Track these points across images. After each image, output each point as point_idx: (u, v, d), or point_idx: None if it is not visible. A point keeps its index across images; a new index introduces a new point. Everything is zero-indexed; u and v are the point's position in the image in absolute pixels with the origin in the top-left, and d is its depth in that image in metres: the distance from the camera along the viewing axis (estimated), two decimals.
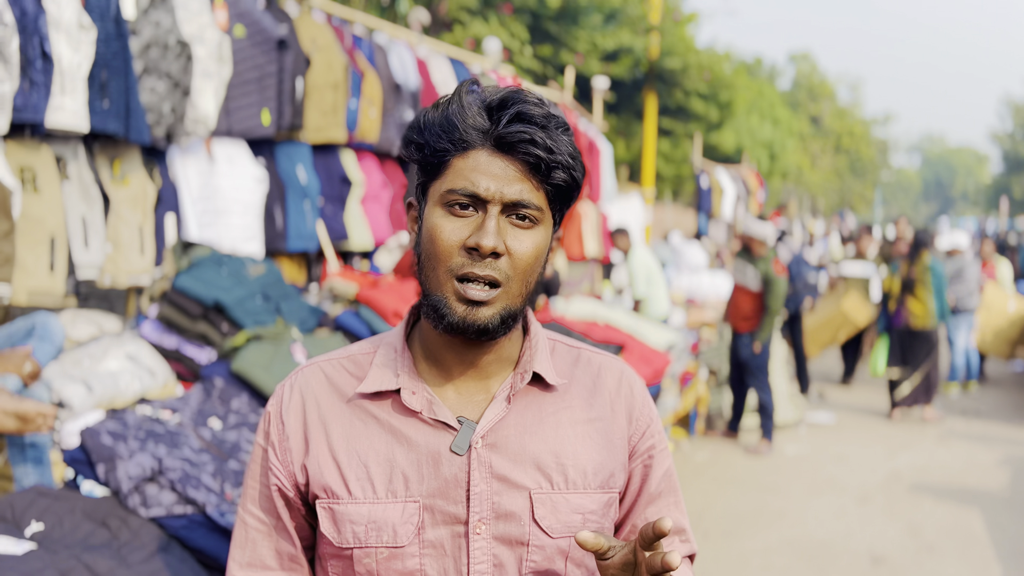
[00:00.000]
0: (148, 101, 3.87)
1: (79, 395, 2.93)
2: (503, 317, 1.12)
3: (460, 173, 1.11)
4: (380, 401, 1.18)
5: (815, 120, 39.04)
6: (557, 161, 1.10)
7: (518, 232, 1.11)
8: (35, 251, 3.45)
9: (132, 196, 3.92)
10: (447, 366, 1.19)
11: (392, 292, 3.42)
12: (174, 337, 3.35)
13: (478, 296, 1.10)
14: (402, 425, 1.16)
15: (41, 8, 3.32)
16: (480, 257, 1.09)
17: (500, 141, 1.10)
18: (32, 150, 3.46)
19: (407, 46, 5.94)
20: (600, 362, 1.28)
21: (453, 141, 1.11)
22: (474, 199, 1.10)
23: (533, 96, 1.13)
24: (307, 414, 1.19)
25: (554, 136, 1.10)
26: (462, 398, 1.19)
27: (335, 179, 5.11)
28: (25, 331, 2.86)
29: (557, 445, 1.18)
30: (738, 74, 18.55)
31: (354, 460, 1.15)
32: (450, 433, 1.15)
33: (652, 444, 1.27)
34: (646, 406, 1.28)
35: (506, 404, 1.18)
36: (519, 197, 1.10)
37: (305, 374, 1.23)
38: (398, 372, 1.18)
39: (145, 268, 3.96)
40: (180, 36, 3.95)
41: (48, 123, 3.39)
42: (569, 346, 1.29)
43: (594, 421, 1.22)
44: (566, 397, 1.22)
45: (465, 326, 1.10)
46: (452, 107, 1.12)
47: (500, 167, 1.10)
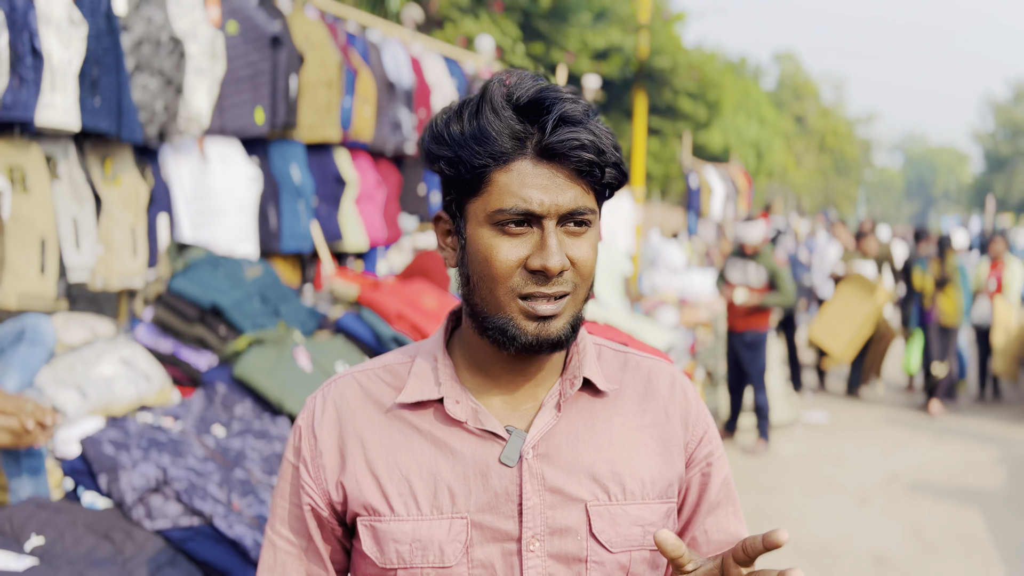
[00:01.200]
0: (140, 99, 3.77)
1: (73, 401, 2.84)
2: (573, 326, 1.07)
3: (507, 190, 1.02)
4: (421, 411, 1.12)
5: (799, 120, 39.21)
6: (607, 160, 1.04)
7: (576, 240, 1.06)
8: (25, 253, 3.35)
9: (124, 196, 3.82)
10: (493, 375, 1.13)
11: (394, 294, 3.35)
12: (170, 341, 3.26)
13: (548, 311, 1.04)
14: (446, 436, 1.09)
15: (31, 3, 3.22)
16: (546, 279, 1.03)
17: (547, 150, 1.02)
18: (21, 149, 3.36)
19: (400, 44, 5.86)
20: (650, 366, 1.22)
21: (493, 155, 1.02)
22: (528, 215, 1.03)
23: (565, 90, 1.04)
24: (342, 427, 1.12)
25: (597, 132, 1.03)
26: (508, 407, 1.12)
27: (329, 178, 5.02)
28: (15, 334, 2.77)
29: (612, 454, 1.11)
30: (725, 73, 18.56)
31: (395, 474, 1.08)
32: (498, 444, 1.09)
33: (710, 451, 1.20)
34: (701, 411, 1.22)
35: (556, 412, 1.11)
36: (574, 205, 1.04)
37: (339, 385, 1.16)
38: (439, 381, 1.12)
39: (138, 270, 3.86)
40: (173, 32, 3.86)
41: (38, 121, 3.29)
42: (615, 350, 1.22)
43: (648, 427, 1.16)
44: (617, 403, 1.16)
45: (540, 343, 1.05)
46: (485, 116, 1.03)
47: (547, 176, 1.03)
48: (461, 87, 6.41)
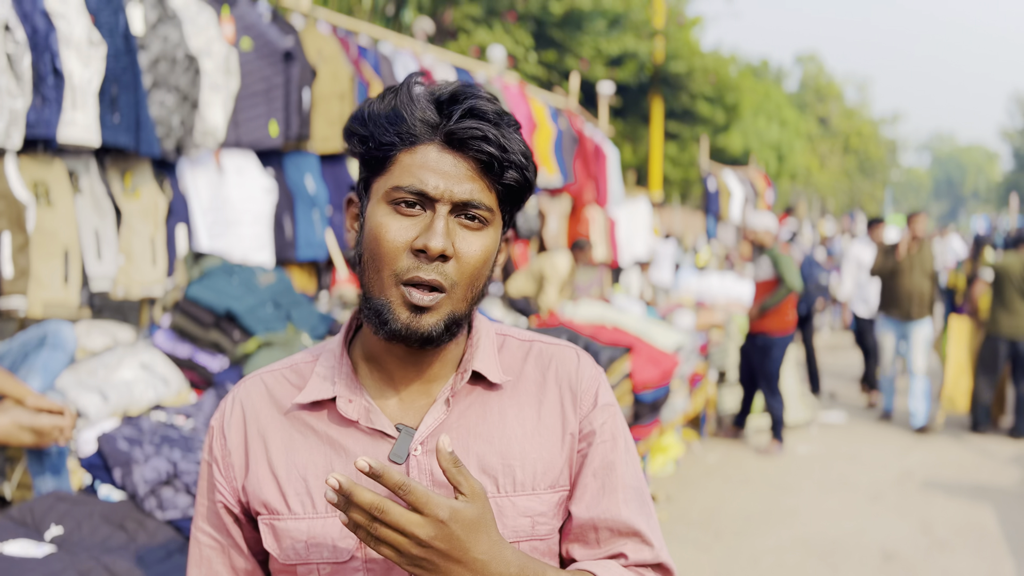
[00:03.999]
0: (158, 114, 3.93)
1: (95, 404, 2.98)
2: (447, 324, 1.06)
3: (407, 169, 1.04)
4: (318, 412, 1.13)
5: (823, 121, 38.97)
6: (510, 160, 1.05)
7: (466, 234, 1.06)
8: (49, 264, 3.51)
9: (143, 208, 3.99)
10: (388, 372, 1.13)
11: None
12: (187, 346, 3.40)
13: (422, 301, 1.03)
14: (340, 436, 1.11)
15: (52, 25, 3.39)
16: (428, 260, 1.03)
17: (451, 137, 1.04)
18: (45, 165, 3.53)
19: (412, 55, 6.00)
20: (553, 353, 1.20)
21: (400, 134, 1.04)
22: (422, 197, 1.04)
23: (485, 92, 1.07)
24: (247, 428, 1.14)
25: (507, 134, 1.05)
26: (404, 404, 1.13)
27: (343, 188, 5.16)
28: (38, 339, 2.92)
29: (503, 445, 1.11)
30: (744, 76, 18.57)
31: (293, 474, 1.10)
32: (389, 442, 1.10)
33: (592, 430, 1.16)
34: (592, 390, 1.18)
35: (446, 407, 1.12)
36: (469, 197, 1.04)
37: (246, 386, 1.18)
38: (335, 380, 1.13)
39: (157, 279, 4.02)
40: (188, 50, 4.02)
41: (60, 138, 3.46)
42: (521, 340, 1.21)
43: (544, 416, 1.15)
44: (514, 394, 1.15)
45: (408, 333, 1.04)
46: (400, 98, 1.05)
47: (450, 164, 1.04)
48: None
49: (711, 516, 5.35)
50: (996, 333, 7.47)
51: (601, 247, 9.11)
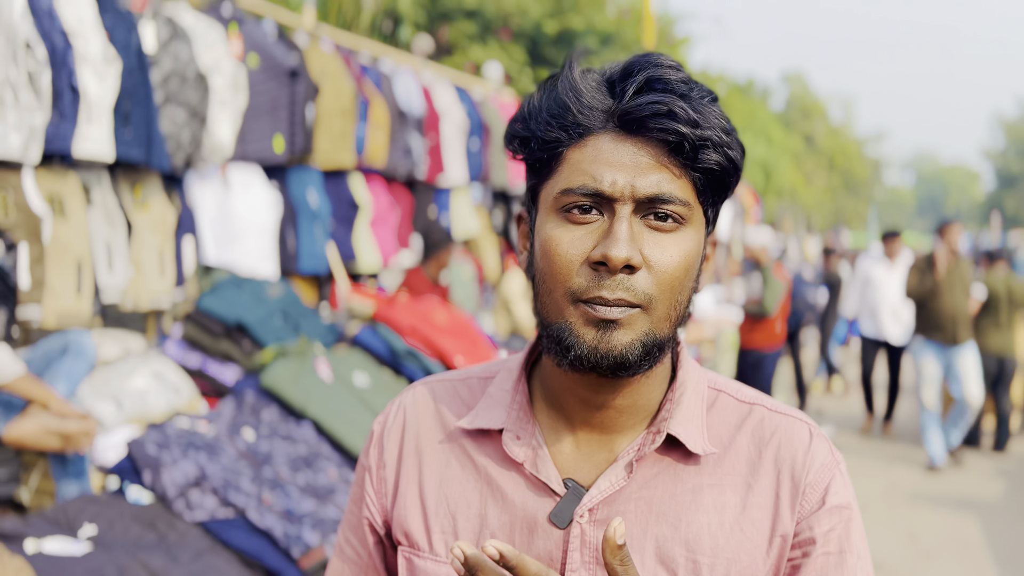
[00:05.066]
0: (168, 130, 4.02)
1: (110, 412, 3.07)
2: (646, 345, 0.86)
3: (577, 167, 0.86)
4: (484, 441, 0.97)
5: (808, 139, 39.44)
6: (706, 138, 0.84)
7: (659, 237, 0.86)
8: (63, 274, 3.59)
9: (153, 221, 4.07)
10: (568, 412, 0.94)
11: (408, 310, 3.57)
12: (198, 355, 3.49)
13: (610, 314, 0.84)
14: (500, 476, 0.94)
15: (69, 44, 3.49)
16: (610, 273, 0.84)
17: (627, 119, 0.85)
18: (60, 178, 3.62)
19: (412, 73, 6.12)
20: (778, 425, 0.95)
21: (566, 127, 0.87)
22: (597, 198, 0.86)
23: (668, 59, 0.87)
24: (404, 441, 1.01)
25: (699, 106, 0.85)
26: (580, 455, 0.94)
27: (344, 202, 5.27)
28: (60, 348, 3.00)
29: (692, 534, 0.89)
30: (732, 95, 18.82)
31: (443, 508, 0.96)
32: (553, 499, 0.91)
33: (812, 537, 0.91)
34: (822, 483, 0.92)
35: (627, 472, 0.91)
36: (656, 190, 0.85)
37: (415, 392, 1.04)
38: (507, 409, 0.96)
39: (165, 290, 4.10)
40: (198, 67, 4.12)
41: (75, 152, 3.54)
42: (740, 401, 0.97)
43: (750, 508, 0.91)
44: (716, 471, 0.92)
45: (598, 357, 0.85)
46: (562, 85, 0.88)
47: (629, 154, 0.85)
48: (470, 113, 6.66)
49: None
50: (987, 350, 7.55)
51: None
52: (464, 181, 6.62)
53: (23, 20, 3.29)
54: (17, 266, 3.32)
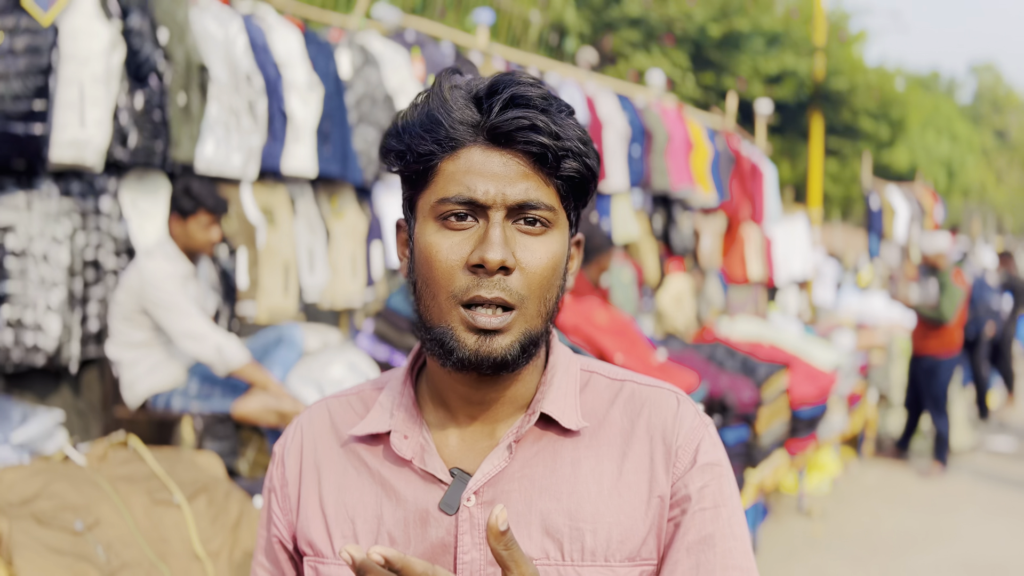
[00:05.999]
0: (360, 147, 4.49)
1: (312, 396, 3.51)
2: (523, 344, 0.93)
3: (452, 178, 0.92)
4: (375, 446, 1.02)
5: (1000, 134, 36.64)
6: (566, 148, 0.92)
7: (528, 240, 0.93)
8: (273, 276, 4.11)
9: (347, 228, 4.55)
10: (451, 408, 1.00)
11: (570, 310, 3.82)
12: (385, 348, 3.90)
13: (490, 324, 0.91)
14: (392, 476, 0.99)
15: (279, 74, 4.00)
16: (487, 275, 0.90)
17: (495, 132, 0.91)
18: (272, 191, 4.14)
19: (576, 84, 6.40)
20: (648, 396, 1.01)
21: (439, 141, 0.93)
22: (471, 206, 0.92)
23: (528, 76, 0.94)
24: (303, 458, 1.05)
25: (559, 120, 0.92)
26: (464, 446, 0.99)
27: None
28: (275, 340, 3.48)
29: (573, 504, 0.95)
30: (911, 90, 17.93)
31: (342, 514, 1.00)
32: (441, 487, 0.96)
33: (687, 494, 0.96)
34: (691, 443, 0.98)
35: (508, 453, 0.96)
36: (525, 197, 0.92)
37: (311, 412, 1.08)
38: (394, 412, 1.01)
39: (357, 290, 4.57)
40: (386, 90, 4.57)
41: (284, 169, 4.06)
42: (612, 379, 1.04)
43: (628, 472, 0.97)
44: (593, 443, 0.98)
45: (479, 360, 0.91)
46: (433, 102, 0.94)
47: (499, 164, 0.92)
48: (632, 120, 6.85)
49: (868, 533, 5.40)
50: None
51: (757, 266, 9.17)
52: (625, 186, 6.81)
53: (245, 55, 3.81)
54: (237, 269, 3.84)
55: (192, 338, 3.03)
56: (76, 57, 3.07)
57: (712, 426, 1.02)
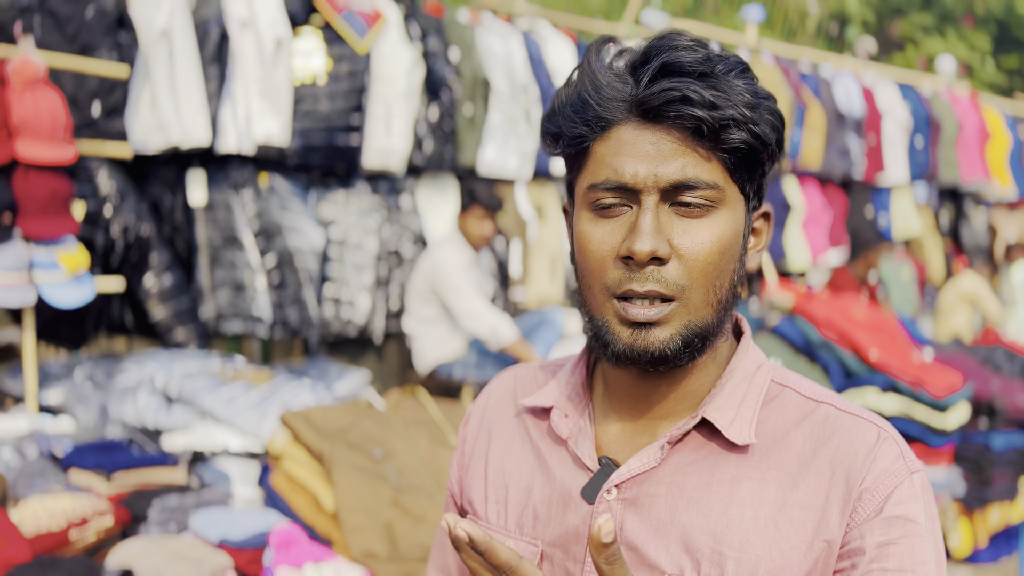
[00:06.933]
0: None
1: None
2: (686, 338, 0.85)
3: (602, 161, 0.86)
4: (542, 420, 1.00)
5: None
6: (727, 117, 0.82)
7: (688, 224, 0.85)
8: (541, 265, 4.55)
9: None
10: (617, 395, 0.94)
11: (826, 304, 3.85)
12: None
13: (644, 316, 0.84)
14: (549, 452, 0.97)
15: (552, 83, 4.41)
16: (638, 267, 0.84)
17: (645, 107, 0.84)
18: (543, 189, 4.58)
19: (852, 75, 6.23)
20: (842, 424, 0.88)
21: (588, 122, 0.86)
22: (622, 191, 0.85)
23: (686, 38, 0.85)
24: (482, 420, 1.06)
25: (720, 84, 0.82)
26: (624, 437, 0.94)
27: (776, 204, 5.62)
28: (539, 321, 3.89)
29: (722, 525, 0.86)
30: None
31: (499, 480, 0.99)
32: (589, 474, 0.92)
33: (861, 547, 0.83)
34: (883, 488, 0.84)
35: (661, 453, 0.89)
36: (681, 176, 0.83)
37: (502, 376, 1.09)
38: (562, 390, 0.98)
39: None
40: None
41: (555, 170, 4.46)
42: (807, 397, 0.92)
43: (791, 506, 0.85)
44: (761, 464, 0.88)
45: (634, 355, 0.85)
46: (583, 78, 0.87)
47: (651, 142, 0.84)
48: (915, 110, 6.53)
49: None
50: None
51: None
52: (906, 180, 6.52)
53: (522, 68, 4.26)
54: (511, 258, 4.31)
55: (472, 316, 3.51)
56: (384, 77, 3.66)
57: (920, 475, 0.87)
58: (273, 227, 3.32)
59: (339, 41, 3.54)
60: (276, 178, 3.42)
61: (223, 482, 2.53)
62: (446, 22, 3.99)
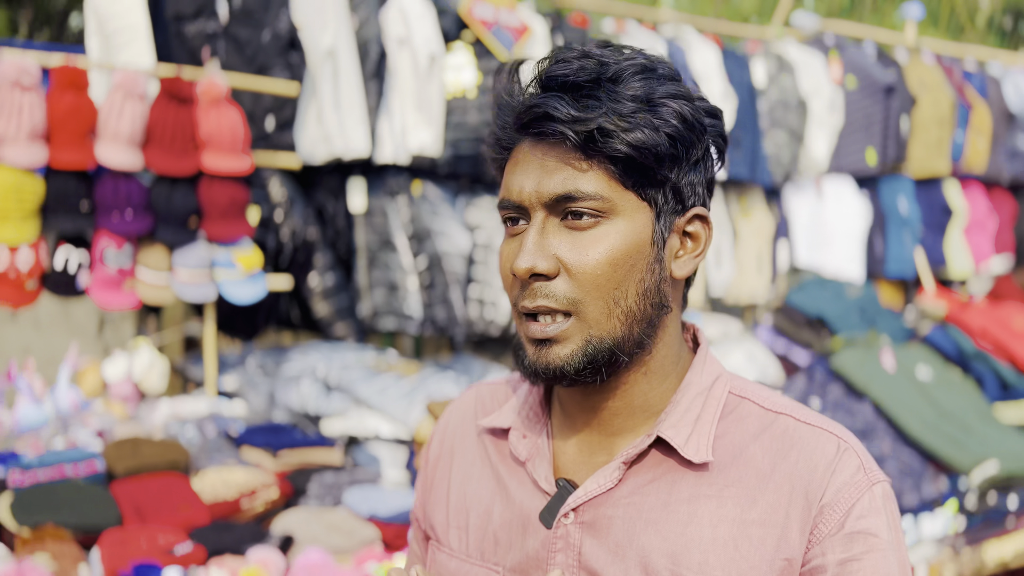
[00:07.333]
0: (771, 151, 4.75)
1: None
2: (588, 355, 0.83)
3: (504, 181, 0.87)
4: (502, 440, 0.96)
5: None
6: (590, 129, 0.79)
7: (576, 237, 0.82)
8: None
9: (754, 228, 4.85)
10: (570, 413, 0.92)
11: (983, 314, 3.69)
12: (783, 341, 4.14)
13: (541, 333, 0.83)
14: (508, 474, 0.94)
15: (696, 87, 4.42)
16: (528, 283, 0.83)
17: (520, 126, 0.83)
18: None
19: None
20: (801, 436, 0.85)
21: (499, 144, 0.87)
22: (516, 209, 0.85)
23: (575, 51, 0.83)
24: (444, 440, 1.03)
25: (595, 94, 0.80)
26: (582, 456, 0.91)
27: (936, 208, 5.39)
28: None
29: (680, 546, 0.83)
30: None
31: (461, 504, 0.96)
32: (547, 497, 0.89)
33: (821, 565, 0.81)
34: (843, 503, 0.82)
35: (619, 473, 0.86)
36: (561, 190, 0.81)
37: (465, 394, 1.05)
38: (520, 409, 0.95)
39: (762, 287, 4.84)
40: (799, 94, 4.76)
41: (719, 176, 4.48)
42: (765, 408, 0.88)
43: (751, 524, 0.83)
44: (719, 481, 0.85)
45: (539, 372, 0.85)
46: (493, 103, 0.88)
47: (537, 159, 0.83)
48: None
49: None
50: None
51: None
52: None
53: None
54: None
55: None
56: None
57: (882, 486, 0.84)
58: (424, 231, 3.55)
59: (488, 55, 3.72)
60: (428, 186, 3.65)
61: (374, 464, 2.76)
62: (591, 33, 4.11)
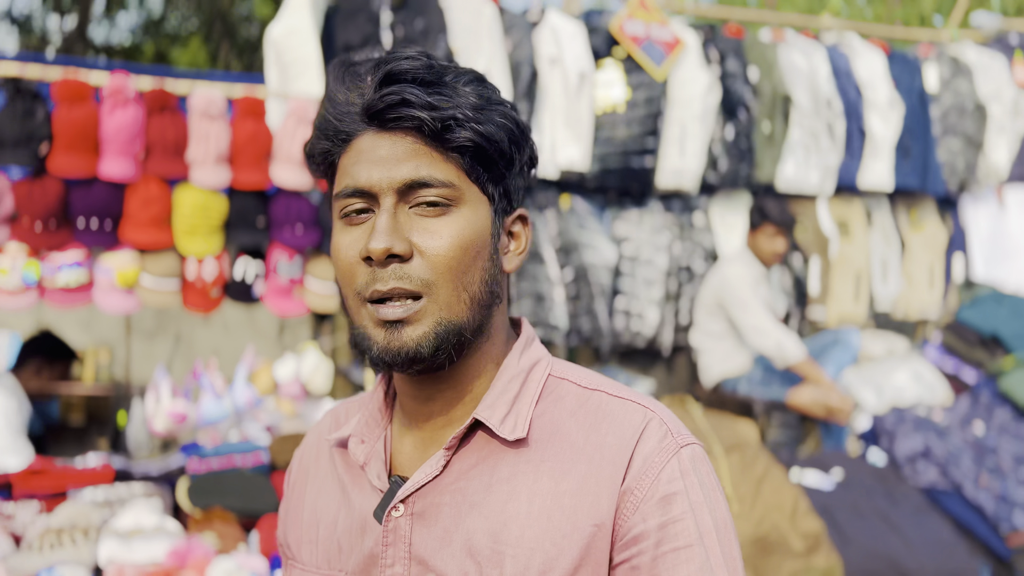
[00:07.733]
0: (944, 158, 4.48)
1: (870, 398, 3.74)
2: (440, 335, 0.86)
3: (345, 171, 0.89)
4: (346, 451, 0.98)
5: None
6: (447, 116, 0.85)
7: (427, 222, 0.87)
8: (844, 284, 4.40)
9: (925, 240, 4.59)
10: (407, 410, 0.94)
11: None
12: (953, 360, 3.91)
13: (394, 314, 0.85)
14: (350, 482, 0.95)
15: (860, 95, 4.27)
16: (380, 266, 0.85)
17: (372, 114, 0.87)
18: (847, 205, 4.44)
19: None
20: (611, 410, 0.89)
21: (330, 136, 0.90)
22: (364, 196, 0.87)
23: (414, 51, 0.88)
24: (301, 464, 1.04)
25: (444, 90, 0.86)
26: (416, 451, 0.93)
27: None
28: (832, 341, 3.81)
29: (499, 524, 0.85)
30: None
31: (312, 519, 0.98)
32: (380, 495, 0.91)
33: (642, 532, 0.84)
34: (651, 470, 0.85)
35: (444, 460, 0.89)
36: (414, 175, 0.86)
37: (324, 417, 1.07)
38: (362, 414, 0.98)
39: (933, 302, 4.58)
40: (977, 99, 4.47)
41: (860, 184, 4.31)
42: (582, 387, 0.92)
43: (563, 494, 0.86)
44: (535, 458, 0.88)
45: (390, 356, 0.86)
46: (325, 98, 0.91)
47: (386, 147, 0.87)
48: None
49: None
50: None
51: None
52: None
53: (827, 82, 4.19)
54: (809, 276, 4.25)
55: (758, 332, 3.54)
56: (680, 101, 3.82)
57: (691, 448, 0.88)
58: (571, 244, 3.63)
59: (638, 70, 3.76)
60: (576, 199, 3.73)
61: None
62: (746, 43, 4.05)
